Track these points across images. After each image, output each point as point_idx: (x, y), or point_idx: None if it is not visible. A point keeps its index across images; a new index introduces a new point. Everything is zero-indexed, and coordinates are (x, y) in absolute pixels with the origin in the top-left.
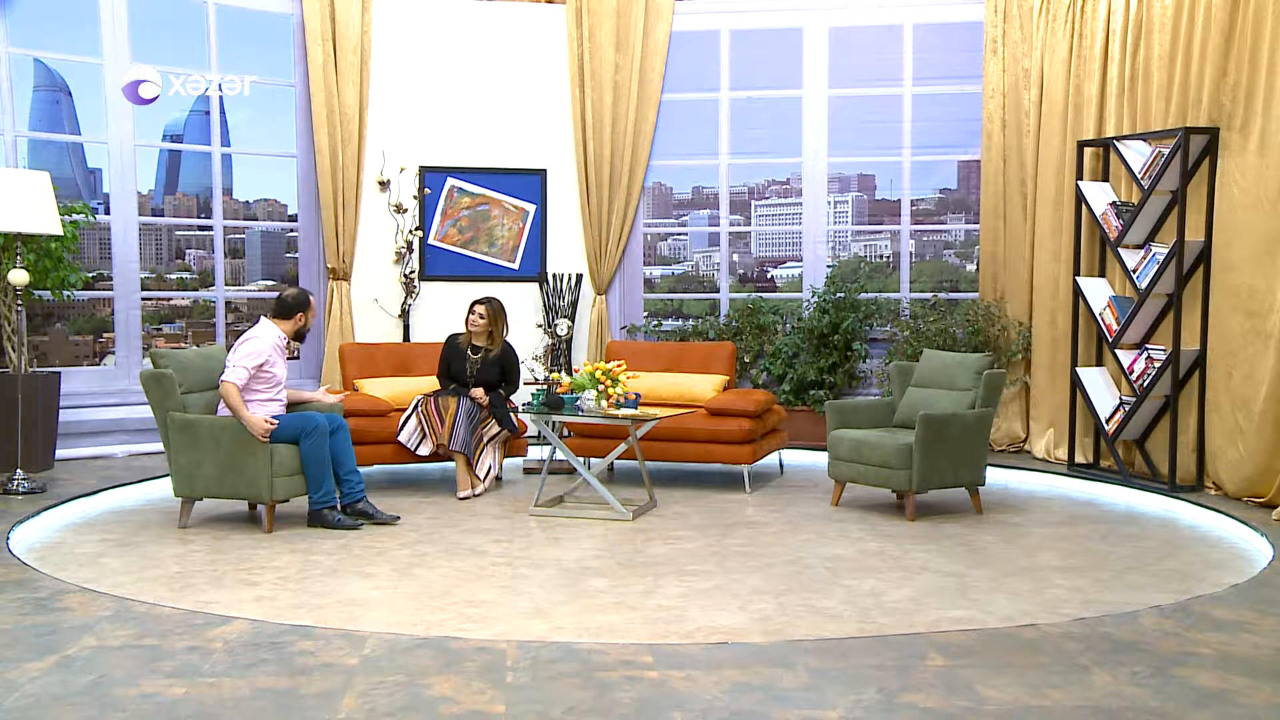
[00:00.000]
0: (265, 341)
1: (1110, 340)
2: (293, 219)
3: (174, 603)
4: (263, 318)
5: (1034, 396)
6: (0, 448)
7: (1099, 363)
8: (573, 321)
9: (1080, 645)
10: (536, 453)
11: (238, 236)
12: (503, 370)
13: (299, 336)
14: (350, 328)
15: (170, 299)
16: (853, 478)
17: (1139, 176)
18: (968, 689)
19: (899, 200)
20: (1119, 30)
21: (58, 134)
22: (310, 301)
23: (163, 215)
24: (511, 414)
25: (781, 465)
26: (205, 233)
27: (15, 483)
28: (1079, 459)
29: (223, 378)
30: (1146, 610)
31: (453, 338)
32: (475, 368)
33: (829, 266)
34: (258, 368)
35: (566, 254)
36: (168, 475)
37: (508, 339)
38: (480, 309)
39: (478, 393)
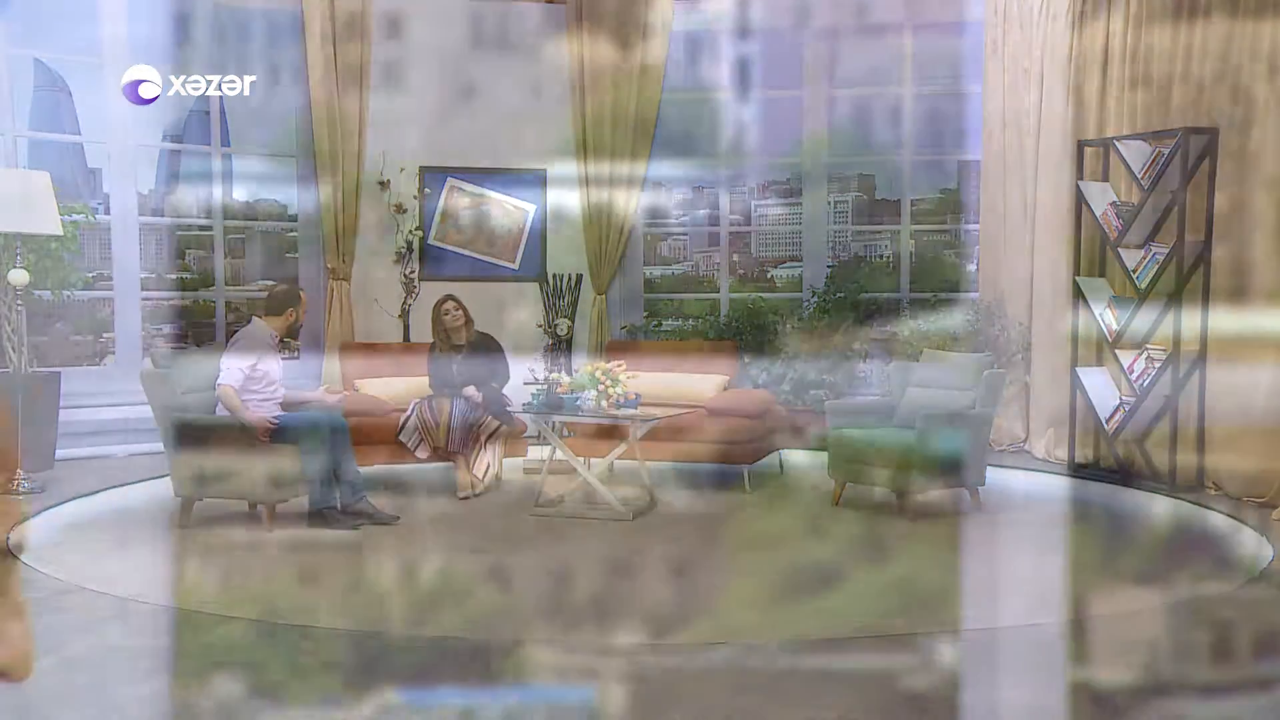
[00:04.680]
0: (256, 340)
1: (1110, 340)
2: (293, 219)
3: (174, 603)
4: (254, 316)
5: (1034, 396)
6: (0, 448)
7: (1099, 363)
8: (573, 321)
9: (1078, 645)
10: (536, 453)
11: (238, 236)
12: (488, 358)
13: (293, 333)
14: (350, 328)
15: (170, 299)
16: (853, 478)
17: (1139, 177)
18: (967, 689)
19: (899, 200)
20: (1119, 30)
21: (58, 134)
22: (301, 296)
23: (163, 215)
24: (508, 410)
25: (782, 465)
26: (205, 233)
27: (15, 483)
28: (1079, 459)
29: (218, 381)
30: (1146, 610)
31: (431, 348)
32: (460, 366)
33: (829, 266)
34: (251, 366)
35: (566, 254)
36: (168, 475)
37: (481, 330)
38: (450, 304)
39: (470, 391)
